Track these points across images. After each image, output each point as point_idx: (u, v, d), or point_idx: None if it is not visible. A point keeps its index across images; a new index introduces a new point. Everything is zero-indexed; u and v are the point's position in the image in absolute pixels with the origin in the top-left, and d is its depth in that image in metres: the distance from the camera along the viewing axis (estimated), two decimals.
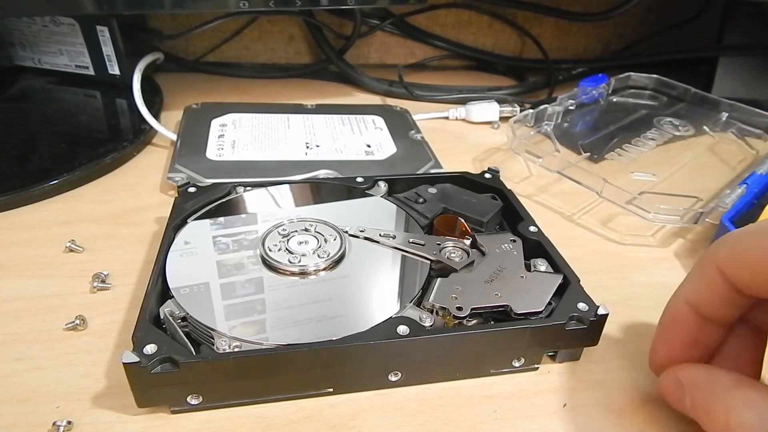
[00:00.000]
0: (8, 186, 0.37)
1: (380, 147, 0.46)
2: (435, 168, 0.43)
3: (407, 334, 0.24)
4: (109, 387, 0.25)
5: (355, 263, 0.29)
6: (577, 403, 0.26)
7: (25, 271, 0.31)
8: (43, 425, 0.23)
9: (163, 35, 0.58)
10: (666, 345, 0.25)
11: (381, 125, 0.50)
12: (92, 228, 0.35)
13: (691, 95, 0.54)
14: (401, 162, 0.44)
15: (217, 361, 0.23)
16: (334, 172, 0.41)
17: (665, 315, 0.25)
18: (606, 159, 0.45)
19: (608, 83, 0.54)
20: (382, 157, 0.45)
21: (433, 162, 0.44)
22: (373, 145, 0.46)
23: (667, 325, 0.24)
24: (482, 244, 0.30)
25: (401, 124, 0.51)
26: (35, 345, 0.27)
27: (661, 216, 0.36)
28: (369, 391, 0.25)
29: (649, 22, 0.71)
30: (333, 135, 0.47)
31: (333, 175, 0.40)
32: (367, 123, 0.50)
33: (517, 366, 0.27)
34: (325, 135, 0.47)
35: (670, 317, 0.24)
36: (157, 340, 0.23)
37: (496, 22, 0.67)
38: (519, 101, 0.56)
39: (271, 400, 0.25)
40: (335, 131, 0.48)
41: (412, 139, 0.48)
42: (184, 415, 0.24)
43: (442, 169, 0.44)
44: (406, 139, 0.48)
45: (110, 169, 0.42)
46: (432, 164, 0.44)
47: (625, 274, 0.35)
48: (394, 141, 0.47)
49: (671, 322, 0.24)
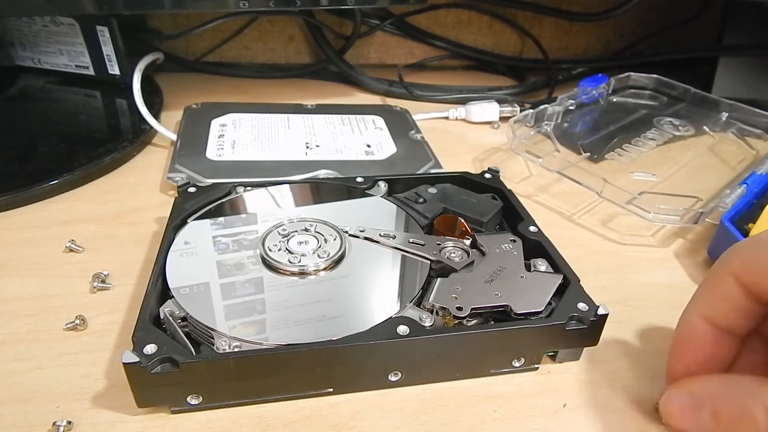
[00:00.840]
0: (8, 186, 0.37)
1: (380, 147, 0.46)
2: (435, 168, 0.43)
3: (407, 334, 0.24)
4: (109, 387, 0.25)
5: (355, 263, 0.29)
6: (577, 403, 0.26)
7: (25, 271, 0.31)
8: (43, 425, 0.23)
9: (163, 35, 0.58)
10: (682, 363, 0.24)
11: (381, 125, 0.50)
12: (92, 228, 0.35)
13: (691, 95, 0.54)
14: (401, 162, 0.44)
15: (217, 361, 0.23)
16: (334, 171, 0.41)
17: (680, 333, 0.24)
18: (606, 159, 0.45)
19: (608, 83, 0.54)
20: (382, 157, 0.45)
21: (433, 162, 0.44)
22: (373, 145, 0.46)
23: (683, 342, 0.24)
24: (482, 244, 0.30)
25: (401, 124, 0.51)
26: (35, 345, 0.27)
27: (661, 216, 0.36)
28: (369, 391, 0.25)
29: (649, 22, 0.71)
30: (333, 135, 0.47)
31: (333, 174, 0.40)
32: (367, 123, 0.50)
33: (517, 366, 0.27)
34: (325, 135, 0.47)
35: (685, 335, 0.24)
36: (157, 340, 0.23)
37: (496, 22, 0.67)
38: (519, 101, 0.56)
39: (271, 400, 0.25)
40: (335, 131, 0.48)
41: (412, 139, 0.48)
42: (184, 415, 0.24)
43: (442, 169, 0.44)
44: (406, 139, 0.48)
45: (110, 169, 0.42)
46: (432, 164, 0.44)
47: (625, 274, 0.35)
48: (394, 141, 0.47)
49: (687, 340, 0.24)
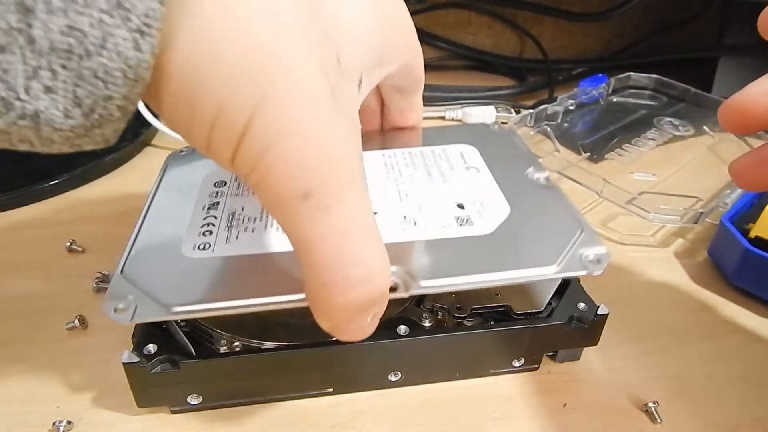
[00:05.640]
0: (8, 186, 0.37)
1: (481, 207, 0.44)
2: (594, 247, 0.42)
3: (407, 334, 0.24)
4: (109, 387, 0.25)
5: None
6: (577, 403, 0.26)
7: (25, 271, 0.31)
8: (43, 425, 0.23)
9: None
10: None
11: (474, 158, 0.48)
12: (92, 228, 0.35)
13: (691, 95, 0.54)
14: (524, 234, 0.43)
15: (217, 361, 0.23)
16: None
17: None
18: (606, 159, 0.45)
19: (608, 83, 0.54)
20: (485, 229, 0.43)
21: (583, 232, 0.43)
22: (467, 205, 0.44)
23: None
24: None
25: (505, 151, 0.49)
26: (35, 345, 0.27)
27: (661, 216, 0.36)
28: (369, 391, 0.25)
29: (649, 22, 0.71)
30: (398, 182, 0.46)
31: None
32: (450, 156, 0.48)
33: (517, 366, 0.27)
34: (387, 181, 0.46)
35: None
36: (157, 340, 0.23)
37: (496, 22, 0.67)
38: (516, 106, 0.55)
39: (271, 400, 0.25)
40: (400, 173, 0.47)
41: (536, 183, 0.46)
42: (184, 415, 0.24)
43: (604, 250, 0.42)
44: (525, 183, 0.46)
45: (110, 169, 0.42)
46: (580, 234, 0.42)
47: (625, 274, 0.34)
48: (503, 191, 0.46)
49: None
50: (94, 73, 0.13)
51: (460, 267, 0.22)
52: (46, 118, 0.14)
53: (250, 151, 0.16)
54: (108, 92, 0.14)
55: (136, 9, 0.13)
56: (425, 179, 0.28)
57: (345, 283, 0.17)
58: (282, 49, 0.15)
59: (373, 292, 0.18)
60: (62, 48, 0.13)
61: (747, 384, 0.27)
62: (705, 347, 0.29)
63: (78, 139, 0.15)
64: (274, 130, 0.15)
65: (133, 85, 0.14)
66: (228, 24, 0.15)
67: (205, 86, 0.15)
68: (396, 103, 0.31)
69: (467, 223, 0.25)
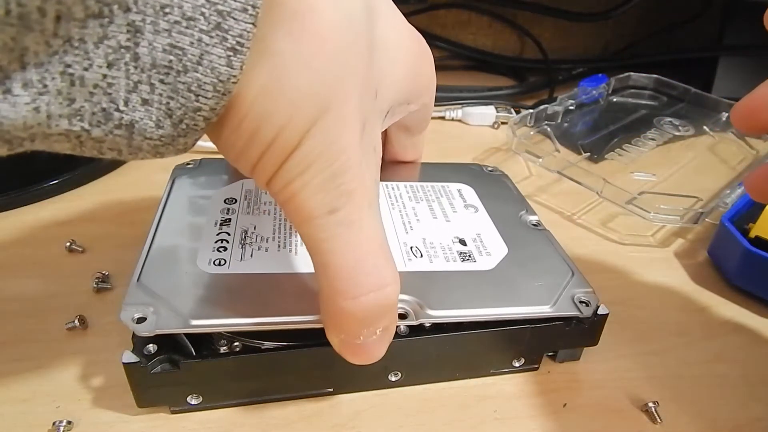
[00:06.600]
0: (8, 186, 0.37)
1: (482, 244, 0.44)
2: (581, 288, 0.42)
3: (407, 334, 0.24)
4: (109, 387, 0.25)
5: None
6: (577, 403, 0.26)
7: (25, 271, 0.31)
8: (43, 425, 0.23)
9: None
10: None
11: (471, 197, 0.48)
12: (92, 228, 0.35)
13: (691, 95, 0.54)
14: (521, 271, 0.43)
15: (217, 361, 0.23)
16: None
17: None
18: (606, 159, 0.45)
19: (608, 83, 0.54)
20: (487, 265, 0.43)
21: (573, 275, 0.43)
22: (469, 242, 0.44)
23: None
24: None
25: (499, 192, 0.49)
26: (35, 345, 0.27)
27: (661, 216, 0.36)
28: (369, 391, 0.25)
29: (649, 22, 0.71)
30: (403, 214, 0.46)
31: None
32: (450, 194, 0.48)
33: (517, 366, 0.27)
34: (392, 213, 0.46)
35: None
36: (157, 340, 0.23)
37: (496, 22, 0.67)
38: (516, 106, 0.55)
39: (271, 400, 0.25)
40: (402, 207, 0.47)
41: (528, 226, 0.46)
42: (184, 415, 0.24)
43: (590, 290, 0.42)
44: (518, 227, 0.46)
45: (110, 169, 0.42)
46: (572, 278, 0.42)
47: (625, 274, 0.35)
48: (500, 231, 0.45)
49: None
50: (189, 87, 0.14)
51: (465, 300, 0.24)
52: (140, 128, 0.15)
53: (295, 168, 0.17)
54: (198, 104, 0.15)
55: (233, 30, 0.14)
56: (428, 213, 0.30)
57: (356, 290, 0.18)
58: (339, 81, 0.17)
59: (382, 300, 0.19)
60: (163, 64, 0.14)
61: (747, 384, 0.27)
62: (705, 347, 0.29)
63: (163, 147, 0.16)
64: (319, 150, 0.17)
65: (220, 98, 0.15)
66: (303, 57, 0.16)
67: (274, 109, 0.16)
68: (401, 140, 0.32)
69: (470, 258, 0.27)
